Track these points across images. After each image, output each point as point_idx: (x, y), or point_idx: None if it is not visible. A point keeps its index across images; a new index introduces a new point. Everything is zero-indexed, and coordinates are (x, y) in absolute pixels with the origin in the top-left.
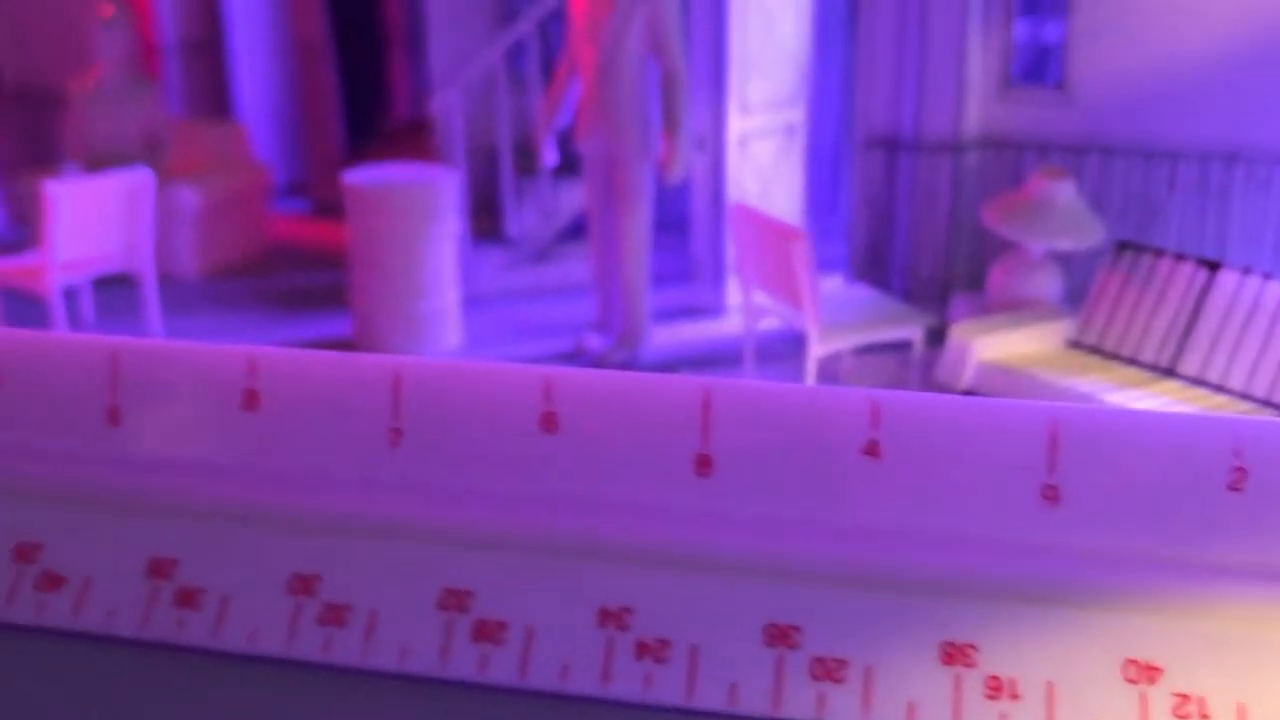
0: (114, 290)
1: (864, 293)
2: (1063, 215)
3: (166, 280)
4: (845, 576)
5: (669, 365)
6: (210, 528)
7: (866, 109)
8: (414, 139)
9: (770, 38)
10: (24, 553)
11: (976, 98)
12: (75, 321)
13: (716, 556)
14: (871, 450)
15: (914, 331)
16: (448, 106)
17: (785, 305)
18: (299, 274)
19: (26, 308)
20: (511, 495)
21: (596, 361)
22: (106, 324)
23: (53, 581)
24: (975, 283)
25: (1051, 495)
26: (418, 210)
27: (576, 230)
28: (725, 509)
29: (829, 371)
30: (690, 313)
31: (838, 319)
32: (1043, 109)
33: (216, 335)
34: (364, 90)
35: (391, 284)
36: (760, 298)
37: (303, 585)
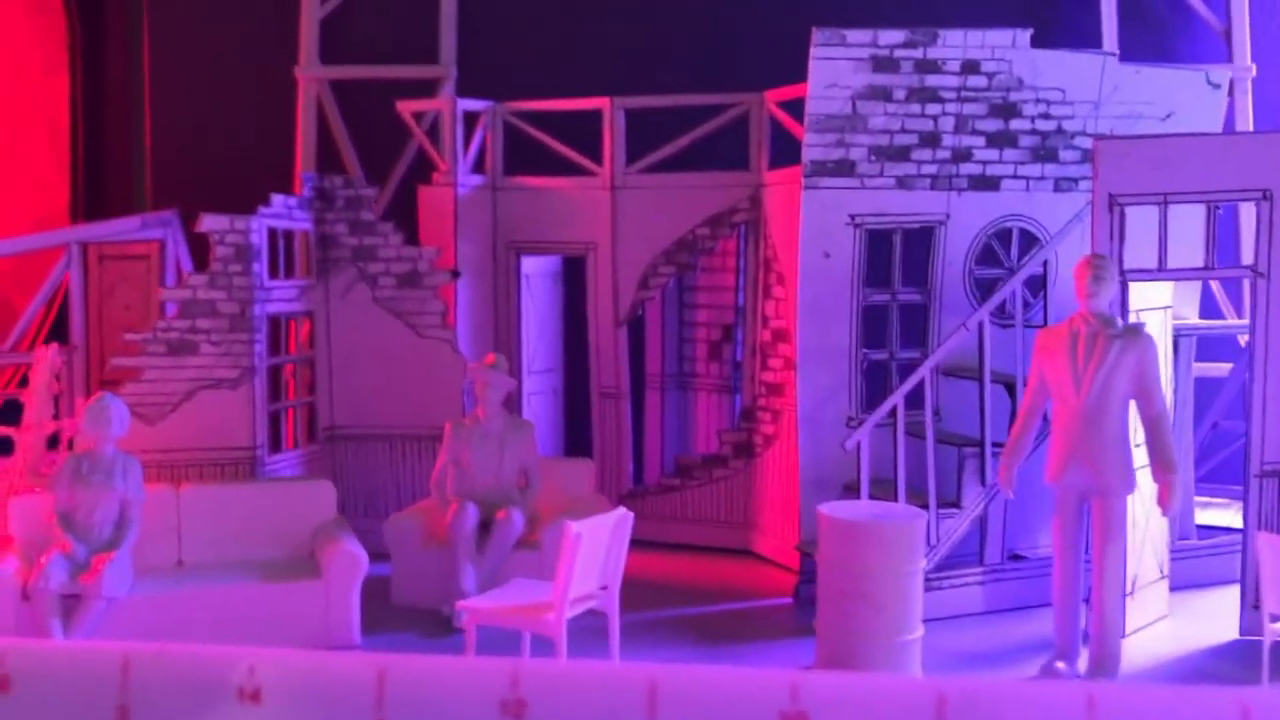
0: None
1: None
2: None
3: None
4: None
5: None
6: None
7: (1260, 441)
8: (712, 471)
9: None
10: None
11: None
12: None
13: None
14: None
15: None
16: (855, 445)
17: None
18: (660, 604)
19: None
20: None
21: None
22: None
23: None
24: None
25: None
26: (894, 547)
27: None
28: None
29: None
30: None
31: None
32: None
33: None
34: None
35: (869, 616)
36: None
37: None
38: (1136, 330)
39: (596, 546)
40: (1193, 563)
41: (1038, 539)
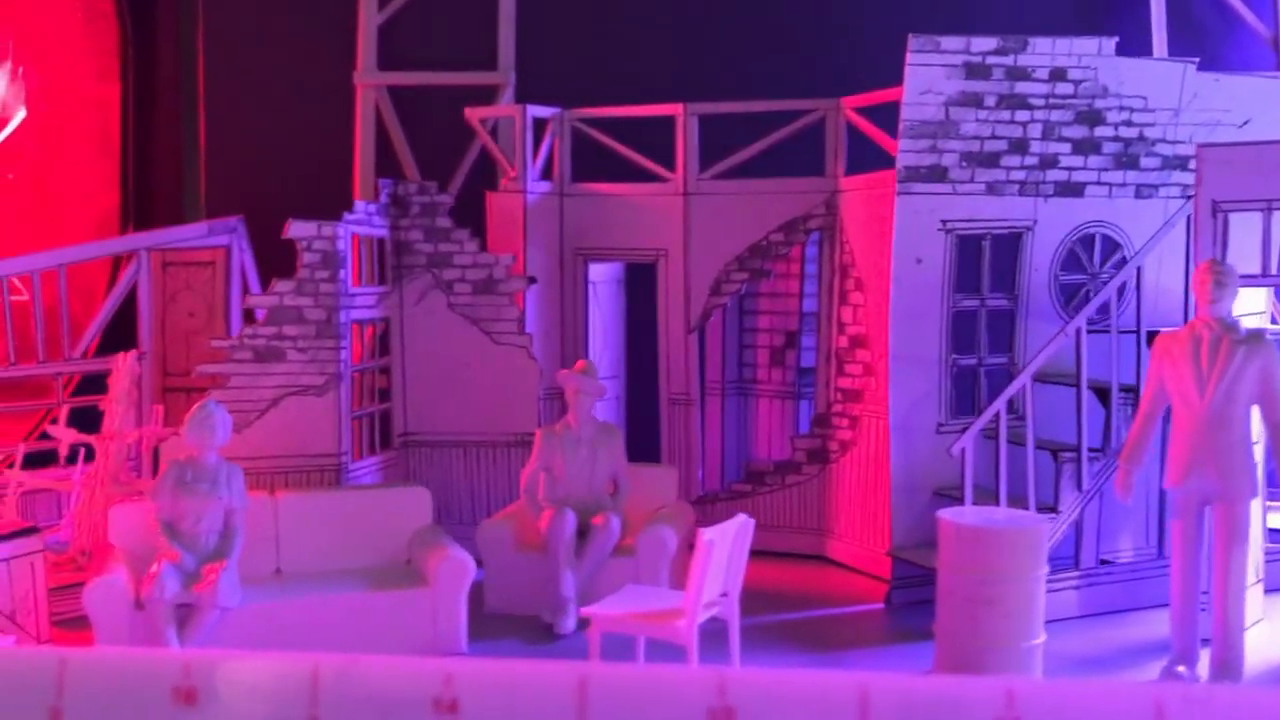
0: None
1: None
2: None
3: None
4: None
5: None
6: None
7: None
8: (785, 477)
9: None
10: None
11: None
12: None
13: None
14: None
15: None
16: (960, 451)
17: None
18: (752, 610)
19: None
20: None
21: None
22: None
23: None
24: None
25: None
26: (1022, 552)
27: None
28: None
29: None
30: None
31: None
32: None
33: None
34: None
35: (996, 621)
36: None
37: None
38: (1260, 335)
39: (721, 553)
40: (1273, 566)
41: (1119, 543)
